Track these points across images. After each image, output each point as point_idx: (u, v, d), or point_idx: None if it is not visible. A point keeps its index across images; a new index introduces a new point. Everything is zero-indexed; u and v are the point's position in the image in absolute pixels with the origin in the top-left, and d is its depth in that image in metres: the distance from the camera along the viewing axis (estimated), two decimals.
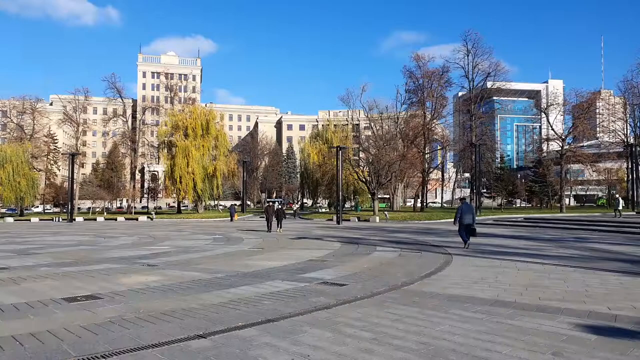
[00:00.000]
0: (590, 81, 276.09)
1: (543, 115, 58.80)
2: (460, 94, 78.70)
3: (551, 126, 54.11)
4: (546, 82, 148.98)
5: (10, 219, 51.26)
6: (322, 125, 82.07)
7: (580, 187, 74.15)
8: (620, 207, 33.09)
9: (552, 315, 6.04)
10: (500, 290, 7.81)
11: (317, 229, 28.93)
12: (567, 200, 64.92)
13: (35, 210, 79.35)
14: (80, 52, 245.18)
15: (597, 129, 65.08)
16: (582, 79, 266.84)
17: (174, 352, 4.67)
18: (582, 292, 7.64)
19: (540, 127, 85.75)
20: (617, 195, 36.33)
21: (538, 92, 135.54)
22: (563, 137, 53.28)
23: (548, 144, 63.49)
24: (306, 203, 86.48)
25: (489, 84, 56.17)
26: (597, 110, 62.51)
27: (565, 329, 5.36)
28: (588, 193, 76.87)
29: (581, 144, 61.63)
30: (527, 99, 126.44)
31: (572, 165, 59.87)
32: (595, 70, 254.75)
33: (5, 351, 4.74)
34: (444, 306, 6.64)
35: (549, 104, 56.94)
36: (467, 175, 77.77)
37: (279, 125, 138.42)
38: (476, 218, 15.72)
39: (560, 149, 53.17)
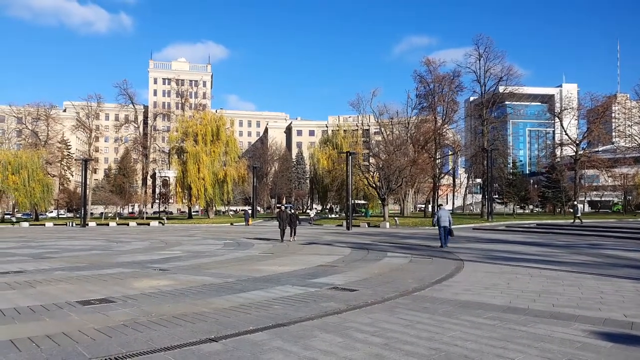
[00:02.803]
0: (605, 85, 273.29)
1: (557, 119, 58.20)
2: (471, 98, 78.34)
3: (565, 131, 53.54)
4: (560, 86, 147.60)
5: (25, 224, 52.08)
6: (332, 130, 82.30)
7: (595, 192, 73.09)
8: (579, 214, 33.17)
9: (566, 322, 5.97)
10: (512, 297, 7.74)
11: (327, 234, 28.90)
12: (581, 206, 64.05)
13: (50, 215, 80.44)
14: (93, 58, 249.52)
15: (613, 133, 64.15)
16: (597, 82, 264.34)
17: (186, 355, 4.71)
18: (597, 299, 7.54)
19: (553, 132, 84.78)
20: (575, 202, 36.59)
21: (551, 96, 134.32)
22: (577, 142, 52.69)
23: (562, 149, 62.80)
24: (315, 208, 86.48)
25: (501, 89, 55.72)
26: (613, 115, 61.58)
27: (580, 336, 5.30)
28: (603, 199, 75.76)
29: (596, 149, 60.79)
30: (540, 104, 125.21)
31: (586, 170, 59.13)
32: (611, 74, 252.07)
33: (22, 352, 4.82)
34: (455, 312, 6.60)
35: (562, 108, 56.40)
36: (478, 180, 77.20)
37: (288, 130, 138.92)
38: (453, 222, 18.04)
39: (574, 154, 52.56)
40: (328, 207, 74.29)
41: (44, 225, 51.27)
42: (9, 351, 4.85)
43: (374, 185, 48.16)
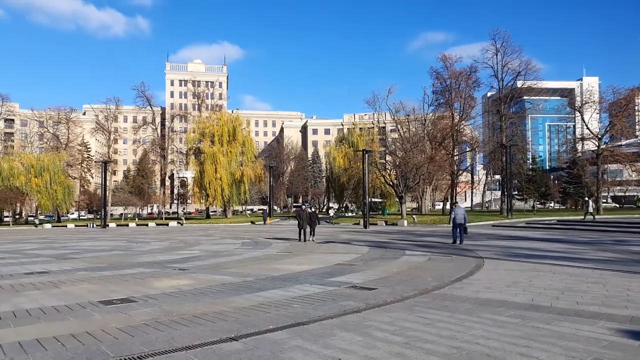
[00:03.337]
0: (628, 77, 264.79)
1: (577, 114, 56.94)
2: (489, 94, 77.21)
3: (586, 125, 52.35)
4: (580, 79, 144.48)
5: (48, 225, 53.36)
6: (348, 128, 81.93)
7: (618, 187, 71.39)
8: (591, 209, 32.40)
9: (592, 320, 5.84)
10: (534, 295, 7.60)
11: (344, 233, 28.86)
12: (604, 201, 62.54)
13: (71, 216, 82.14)
14: (111, 62, 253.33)
15: (637, 126, 62.54)
16: (619, 75, 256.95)
17: (207, 354, 4.74)
18: (623, 296, 7.36)
19: (574, 126, 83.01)
20: (587, 198, 35.58)
21: (572, 90, 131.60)
22: (599, 136, 51.44)
23: (583, 144, 61.44)
24: (332, 207, 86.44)
25: (519, 84, 54.77)
26: (637, 107, 59.96)
27: (606, 335, 5.17)
28: (627, 194, 73.93)
29: (619, 143, 59.26)
30: (560, 98, 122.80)
31: (609, 165, 57.75)
32: (633, 66, 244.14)
33: (48, 351, 4.93)
34: (476, 310, 6.51)
35: (583, 102, 55.12)
36: (497, 177, 76.12)
37: (304, 129, 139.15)
38: (467, 220, 19.16)
39: (596, 148, 51.33)
40: (344, 205, 74.13)
41: (66, 226, 52.42)
42: (36, 350, 4.96)
43: (391, 183, 47.89)
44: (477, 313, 6.34)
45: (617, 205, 68.40)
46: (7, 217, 64.74)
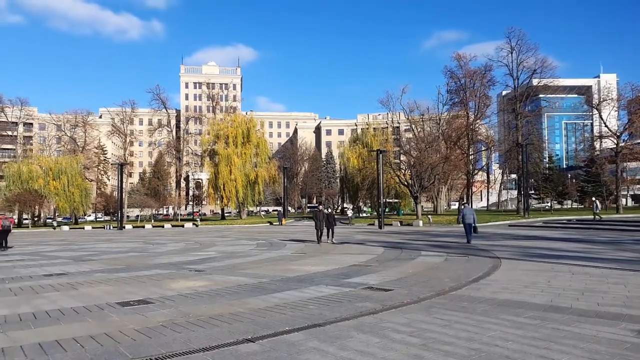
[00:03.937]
0: None
1: (595, 111, 55.98)
2: (504, 92, 76.35)
3: (604, 123, 51.42)
4: (598, 76, 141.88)
5: (66, 227, 54.25)
6: (362, 129, 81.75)
7: (638, 186, 69.95)
8: (598, 210, 31.87)
9: (613, 321, 5.71)
10: (553, 295, 7.47)
11: (359, 233, 28.76)
12: (624, 200, 61.34)
13: (88, 218, 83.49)
14: (127, 65, 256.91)
15: None
16: (638, 72, 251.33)
17: (224, 355, 4.76)
18: None
19: (591, 124, 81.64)
20: (593, 198, 34.93)
21: (589, 87, 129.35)
22: (618, 134, 50.48)
23: (601, 142, 60.37)
24: (346, 207, 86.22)
25: (534, 82, 54.11)
26: None
27: (629, 337, 5.05)
28: None
29: (639, 141, 58.13)
30: (576, 96, 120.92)
31: (628, 163, 56.66)
32: None
33: (68, 352, 4.99)
34: (494, 311, 6.42)
35: (601, 99, 54.16)
36: (513, 176, 75.23)
37: (317, 130, 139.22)
38: (476, 219, 19.24)
39: (615, 146, 50.38)
40: (356, 206, 73.94)
41: (83, 228, 53.25)
42: (56, 351, 5.03)
43: (405, 183, 47.64)
44: (495, 314, 6.25)
45: None
46: (26, 219, 66.08)
